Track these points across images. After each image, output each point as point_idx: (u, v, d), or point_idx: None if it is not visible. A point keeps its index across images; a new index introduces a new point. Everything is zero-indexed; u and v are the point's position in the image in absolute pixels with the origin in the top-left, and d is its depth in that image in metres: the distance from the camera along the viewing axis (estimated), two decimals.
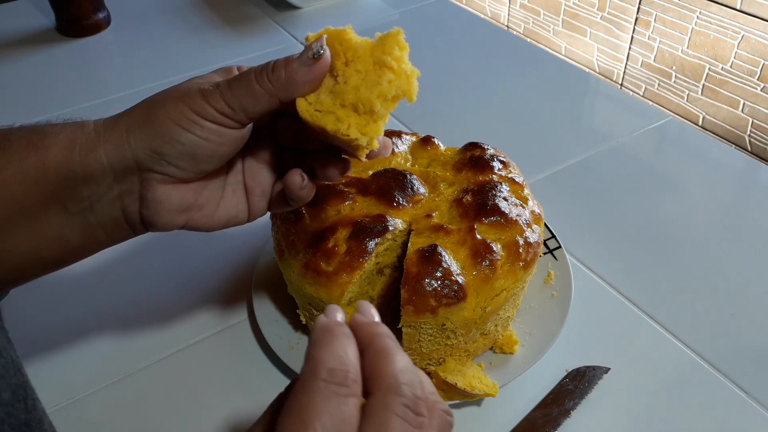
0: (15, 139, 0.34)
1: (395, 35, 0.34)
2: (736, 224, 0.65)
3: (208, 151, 0.34)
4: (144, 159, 0.34)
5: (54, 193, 0.34)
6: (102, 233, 0.36)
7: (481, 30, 1.01)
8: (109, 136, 0.34)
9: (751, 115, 0.80)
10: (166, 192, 0.35)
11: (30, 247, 0.35)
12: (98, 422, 0.48)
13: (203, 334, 0.54)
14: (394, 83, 0.34)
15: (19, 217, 0.34)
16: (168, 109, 0.33)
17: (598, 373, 0.50)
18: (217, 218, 0.39)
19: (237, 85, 0.34)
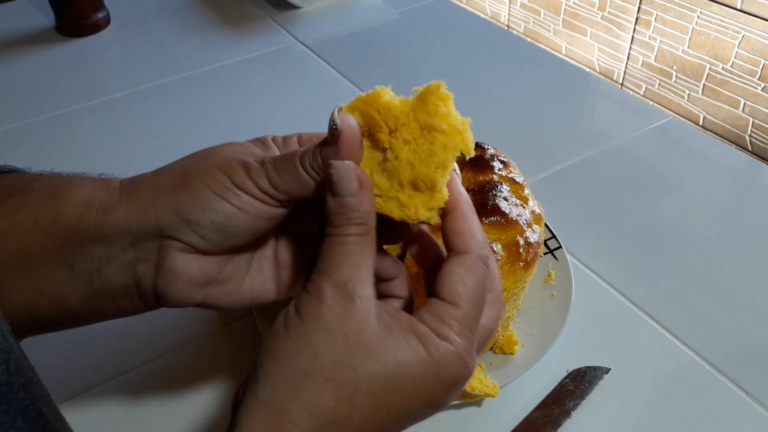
0: (38, 185, 0.33)
1: (436, 90, 0.30)
2: (736, 224, 0.64)
3: (242, 224, 0.32)
4: (168, 224, 0.31)
5: (62, 248, 0.32)
6: (108, 301, 0.34)
7: (482, 30, 1.01)
8: (133, 197, 0.32)
9: (752, 115, 0.80)
10: (186, 262, 0.32)
11: (26, 302, 0.33)
12: (97, 421, 0.48)
13: (202, 335, 0.54)
14: (449, 148, 0.30)
15: (20, 265, 0.32)
16: (205, 176, 0.31)
17: (599, 373, 0.50)
18: (241, 296, 0.35)
19: (283, 168, 0.31)
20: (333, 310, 0.27)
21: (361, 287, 0.28)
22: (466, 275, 0.30)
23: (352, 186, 0.29)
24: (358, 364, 0.27)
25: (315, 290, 0.27)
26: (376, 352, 0.27)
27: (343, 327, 0.27)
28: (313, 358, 0.26)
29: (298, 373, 0.26)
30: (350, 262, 0.28)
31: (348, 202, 0.29)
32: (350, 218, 0.28)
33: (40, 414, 0.31)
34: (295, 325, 0.27)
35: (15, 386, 0.29)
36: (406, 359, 0.28)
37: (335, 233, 0.28)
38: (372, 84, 0.33)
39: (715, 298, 0.56)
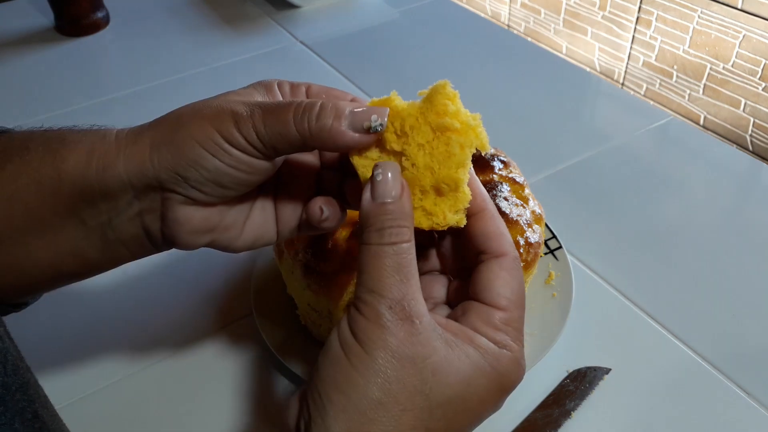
0: (33, 146, 0.33)
1: (443, 89, 0.30)
2: (737, 224, 0.64)
3: (235, 179, 0.32)
4: (166, 179, 0.31)
5: (70, 206, 0.32)
6: (123, 249, 0.34)
7: (482, 29, 1.01)
8: (130, 151, 0.32)
9: (753, 115, 0.79)
10: (188, 213, 0.33)
11: (47, 260, 0.34)
12: (98, 423, 0.48)
13: (202, 335, 0.54)
14: (466, 145, 0.30)
15: (34, 229, 0.33)
16: (195, 130, 0.30)
17: (599, 373, 0.49)
18: (243, 239, 0.36)
19: (272, 119, 0.30)
20: (397, 336, 0.26)
21: (416, 305, 0.27)
22: (511, 278, 0.30)
23: (397, 188, 0.28)
24: (429, 390, 0.26)
25: (372, 314, 0.26)
26: (445, 375, 0.27)
27: (409, 352, 0.26)
28: (384, 388, 0.26)
29: (372, 404, 0.26)
30: (401, 278, 0.27)
31: (391, 206, 0.28)
32: (392, 224, 0.28)
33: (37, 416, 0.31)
34: (359, 354, 0.26)
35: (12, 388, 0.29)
36: (473, 377, 0.27)
37: (378, 242, 0.27)
38: (372, 83, 0.33)
39: (716, 298, 0.56)
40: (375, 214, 0.28)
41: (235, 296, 0.57)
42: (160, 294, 0.58)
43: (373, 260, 0.27)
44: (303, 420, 0.27)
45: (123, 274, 0.60)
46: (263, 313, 0.53)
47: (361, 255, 0.28)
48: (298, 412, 0.28)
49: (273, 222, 0.36)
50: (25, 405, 0.30)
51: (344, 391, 0.26)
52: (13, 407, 0.29)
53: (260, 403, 0.49)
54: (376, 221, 0.28)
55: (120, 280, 0.59)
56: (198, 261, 0.61)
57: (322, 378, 0.27)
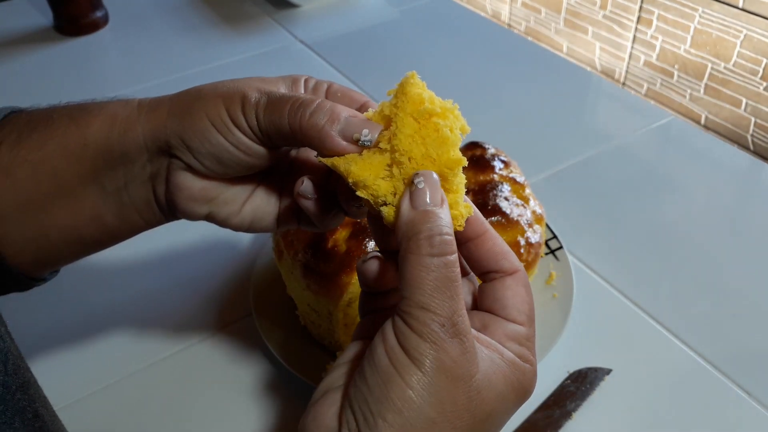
0: (57, 116, 0.35)
1: (412, 79, 0.30)
2: (738, 224, 0.64)
3: (235, 158, 0.33)
4: (174, 145, 0.33)
5: (92, 171, 0.34)
6: (136, 215, 0.36)
7: (482, 28, 1.00)
8: (150, 116, 0.33)
9: (754, 115, 0.79)
10: (188, 180, 0.34)
11: (69, 225, 0.35)
12: (98, 423, 0.48)
13: (203, 335, 0.54)
14: (453, 127, 0.29)
15: (59, 193, 0.34)
16: (208, 105, 0.32)
17: (600, 374, 0.49)
18: (240, 218, 0.37)
19: (271, 108, 0.31)
20: (450, 355, 0.26)
21: (464, 321, 0.27)
22: (527, 294, 0.31)
23: (438, 196, 0.28)
24: (474, 407, 0.27)
25: (425, 332, 0.26)
26: (486, 391, 0.27)
27: (462, 372, 0.26)
28: (439, 408, 0.26)
29: (426, 424, 0.26)
30: (450, 294, 0.26)
31: (437, 214, 0.27)
32: (440, 231, 0.27)
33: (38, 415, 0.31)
34: (414, 373, 0.26)
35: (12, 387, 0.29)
36: (505, 393, 0.28)
37: (428, 252, 0.26)
38: (371, 82, 0.33)
39: (717, 298, 0.56)
40: (420, 221, 0.27)
41: (235, 296, 0.57)
42: (160, 294, 0.58)
43: (422, 273, 0.26)
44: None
45: (123, 275, 0.60)
46: (263, 313, 0.53)
47: (407, 266, 0.27)
48: (338, 426, 0.27)
49: (274, 211, 0.37)
50: (26, 404, 0.30)
51: (399, 410, 0.26)
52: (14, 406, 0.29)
53: (260, 403, 0.49)
54: (423, 229, 0.27)
55: (120, 280, 0.59)
56: (198, 261, 0.61)
57: (374, 395, 0.26)
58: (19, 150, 0.34)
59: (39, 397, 0.33)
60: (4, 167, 0.34)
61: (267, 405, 0.49)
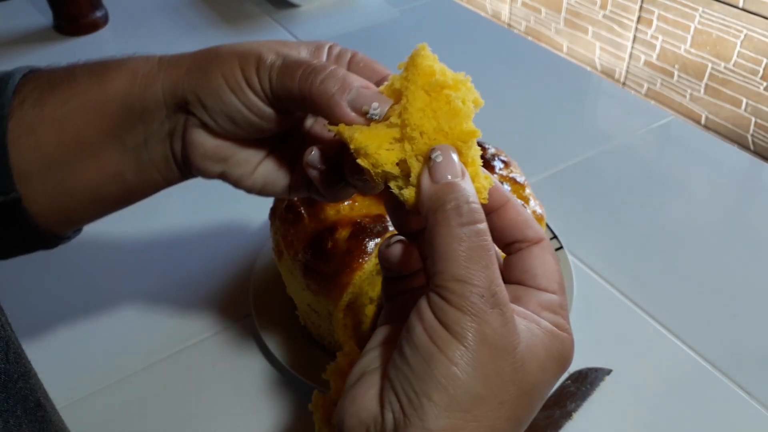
0: (79, 73, 0.35)
1: (423, 51, 0.29)
2: (738, 224, 0.64)
3: (247, 119, 0.33)
4: (190, 102, 0.33)
5: (114, 127, 0.34)
6: (155, 172, 0.36)
7: (482, 28, 1.00)
8: (169, 72, 0.34)
9: (754, 114, 0.79)
10: (201, 138, 0.34)
11: (92, 182, 0.35)
12: (98, 423, 0.48)
13: (203, 334, 0.54)
14: (466, 99, 0.28)
15: (82, 151, 0.34)
16: (224, 64, 0.32)
17: (600, 374, 0.49)
18: (253, 180, 0.37)
19: (284, 70, 0.31)
20: (492, 326, 0.25)
21: (502, 290, 0.26)
22: (555, 263, 0.30)
23: (456, 168, 0.27)
24: (520, 379, 0.26)
25: (464, 304, 0.25)
26: (529, 363, 0.26)
27: (505, 343, 0.25)
28: (485, 382, 0.25)
29: (474, 400, 0.25)
30: (485, 263, 0.25)
31: (460, 184, 0.26)
32: (467, 200, 0.26)
33: (40, 405, 0.31)
34: (456, 348, 0.25)
35: (14, 375, 0.29)
36: (547, 363, 0.27)
37: (458, 222, 0.25)
38: None
39: (718, 298, 0.56)
40: (445, 193, 0.26)
41: (235, 296, 0.57)
42: (161, 294, 0.58)
43: (454, 244, 0.25)
44: (392, 416, 0.26)
45: (123, 274, 0.60)
46: (263, 313, 0.53)
47: (438, 239, 0.26)
48: (380, 408, 0.26)
49: (287, 177, 0.37)
50: (28, 393, 0.30)
51: (444, 387, 0.25)
52: (16, 394, 0.29)
53: (260, 403, 0.49)
54: (449, 199, 0.26)
55: (120, 280, 0.59)
56: (198, 261, 0.61)
57: (416, 375, 0.25)
58: (42, 108, 0.34)
59: (40, 388, 0.33)
60: (28, 125, 0.34)
61: (267, 405, 0.49)
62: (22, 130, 0.34)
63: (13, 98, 0.34)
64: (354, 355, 0.43)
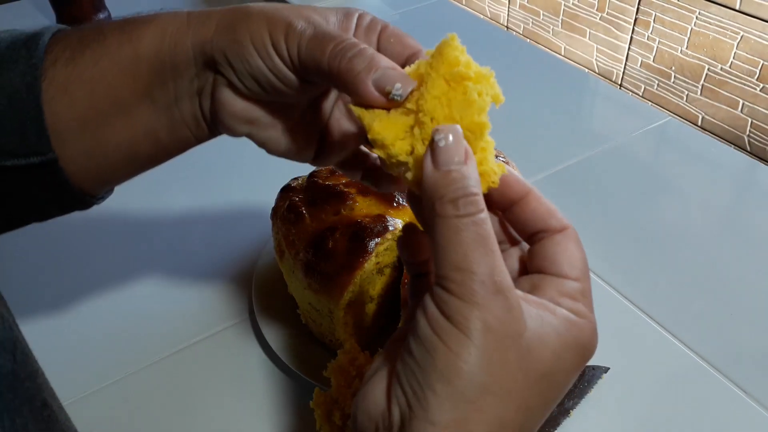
0: (109, 31, 0.34)
1: (452, 41, 0.29)
2: (735, 224, 0.65)
3: (270, 82, 0.33)
4: (219, 62, 0.33)
5: (145, 85, 0.34)
6: (186, 130, 0.36)
7: (481, 30, 1.01)
8: (199, 29, 0.33)
9: (750, 116, 0.80)
10: (230, 98, 0.34)
11: (125, 141, 0.35)
12: (98, 422, 0.48)
13: (203, 334, 0.55)
14: (483, 92, 0.28)
15: (115, 109, 0.34)
16: (253, 27, 0.32)
17: (598, 372, 0.50)
18: (276, 146, 0.37)
19: (315, 42, 0.31)
20: (493, 313, 0.25)
21: (505, 278, 0.25)
22: (578, 250, 0.29)
23: (461, 152, 0.26)
24: (527, 367, 0.25)
25: (464, 292, 0.25)
26: (538, 350, 0.26)
27: (508, 330, 0.25)
28: (489, 371, 0.24)
29: (478, 390, 0.24)
30: (485, 251, 0.25)
31: (458, 173, 0.26)
32: (465, 192, 0.25)
33: (46, 404, 0.31)
34: (457, 337, 0.24)
35: (21, 375, 0.29)
36: (561, 351, 0.27)
37: (455, 214, 0.25)
38: None
39: (714, 297, 0.56)
40: (444, 184, 0.26)
41: (236, 296, 0.57)
42: (161, 293, 0.58)
43: (453, 235, 0.25)
44: (399, 410, 0.26)
45: (123, 274, 0.60)
46: (264, 312, 0.53)
47: (437, 230, 0.25)
48: (388, 403, 0.26)
49: (313, 146, 0.38)
50: (34, 393, 0.30)
51: (447, 379, 0.24)
52: (23, 395, 0.29)
53: (261, 402, 0.50)
54: (447, 191, 0.26)
55: (121, 280, 0.60)
56: (200, 260, 0.61)
57: (420, 368, 0.25)
58: (74, 67, 0.34)
59: (47, 387, 0.33)
60: (61, 85, 0.34)
61: (268, 402, 0.49)
62: (56, 90, 0.34)
63: (45, 58, 0.34)
64: (354, 352, 0.44)
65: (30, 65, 0.33)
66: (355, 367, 0.43)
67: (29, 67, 0.33)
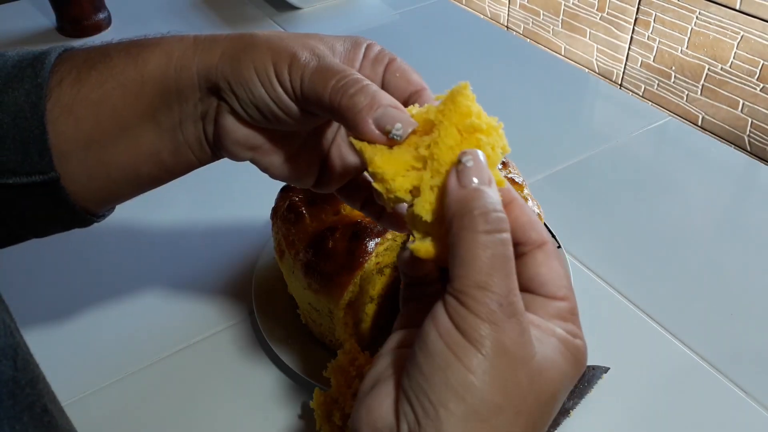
0: (115, 53, 0.35)
1: (464, 90, 0.29)
2: (735, 224, 0.65)
3: (272, 112, 0.33)
4: (222, 88, 0.33)
5: (150, 107, 0.35)
6: (190, 153, 0.36)
7: (481, 30, 1.01)
8: (204, 55, 0.34)
9: (751, 116, 0.80)
10: (233, 125, 0.35)
11: (128, 163, 0.36)
12: (98, 422, 0.48)
13: (203, 334, 0.55)
14: (495, 145, 0.28)
15: (119, 131, 0.35)
16: (258, 56, 0.32)
17: (598, 372, 0.50)
18: (280, 171, 0.37)
19: (318, 76, 0.31)
20: (509, 335, 0.25)
21: (520, 302, 0.25)
22: (560, 266, 0.29)
23: (486, 175, 0.27)
24: (538, 389, 0.26)
25: (483, 311, 0.24)
26: (548, 372, 0.26)
27: (522, 353, 0.25)
28: (503, 391, 0.25)
29: (491, 409, 0.24)
30: (506, 272, 0.25)
31: (489, 190, 0.26)
32: (495, 208, 0.26)
33: (46, 410, 0.31)
34: (474, 356, 0.24)
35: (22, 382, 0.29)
36: (566, 372, 0.27)
37: (484, 229, 0.25)
38: None
39: (714, 297, 0.56)
40: (472, 198, 0.26)
41: (236, 296, 0.58)
42: (161, 293, 0.58)
43: (479, 250, 0.25)
44: (408, 427, 0.25)
45: (123, 274, 0.60)
46: (264, 312, 0.53)
47: (462, 243, 0.25)
48: (396, 419, 0.26)
49: (314, 172, 0.38)
50: (35, 399, 0.30)
51: (461, 396, 0.24)
52: (23, 401, 0.29)
53: (261, 402, 0.50)
54: (477, 205, 0.25)
55: (122, 279, 0.60)
56: (200, 260, 0.61)
57: (431, 384, 0.25)
58: (80, 88, 0.34)
59: (47, 393, 0.33)
60: (67, 106, 0.34)
61: (268, 402, 0.49)
62: (61, 110, 0.34)
63: (51, 78, 0.34)
64: (354, 353, 0.44)
65: (35, 85, 0.34)
66: (355, 367, 0.43)
67: (34, 87, 0.34)
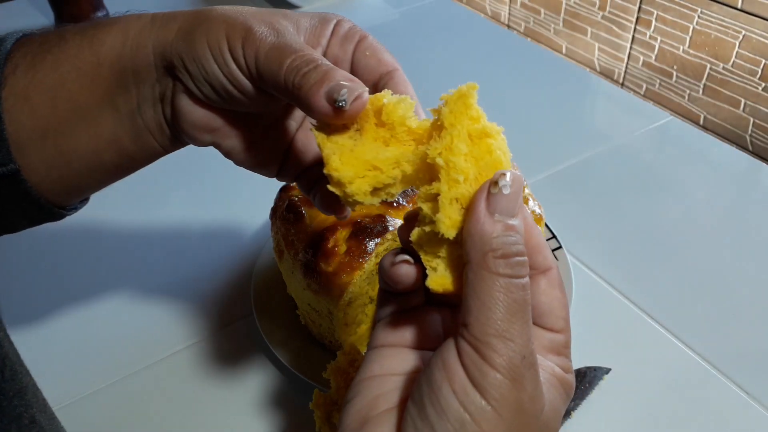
0: (70, 35, 0.33)
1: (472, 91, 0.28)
2: (737, 224, 0.64)
3: (226, 90, 0.32)
4: (176, 66, 0.32)
5: (107, 91, 0.33)
6: (151, 138, 0.35)
7: (482, 29, 1.01)
8: (160, 32, 0.32)
9: (752, 115, 0.79)
10: (189, 106, 0.33)
11: (88, 150, 0.34)
12: (98, 422, 0.48)
13: (204, 333, 0.54)
14: (504, 151, 0.27)
15: (76, 117, 0.33)
16: (211, 30, 0.31)
17: (599, 373, 0.50)
18: (242, 156, 0.35)
19: (274, 54, 0.30)
20: (529, 394, 0.24)
21: (534, 349, 0.24)
22: (562, 296, 0.28)
23: (518, 206, 0.24)
24: None
25: (510, 368, 0.23)
26: (552, 419, 0.26)
27: (534, 410, 0.24)
28: None
29: None
30: (527, 318, 0.24)
31: (517, 229, 0.24)
32: (520, 251, 0.24)
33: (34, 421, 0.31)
34: (494, 422, 0.23)
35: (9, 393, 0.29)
36: (558, 411, 0.26)
37: (508, 274, 0.24)
38: None
39: (716, 298, 0.56)
40: (498, 234, 0.24)
41: (236, 296, 0.57)
42: (161, 294, 0.58)
43: (500, 294, 0.23)
44: None
45: (123, 274, 0.60)
46: (263, 312, 0.53)
47: (481, 284, 0.24)
48: None
49: (277, 161, 0.37)
50: (22, 410, 0.30)
51: None
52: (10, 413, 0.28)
53: (261, 403, 0.49)
54: (500, 244, 0.24)
55: (121, 280, 0.60)
56: (198, 261, 0.61)
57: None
58: (34, 74, 0.33)
59: (37, 402, 0.32)
60: (21, 92, 0.32)
61: (267, 403, 0.49)
62: (16, 98, 0.32)
63: (6, 65, 0.33)
64: (354, 354, 0.44)
65: None
66: (354, 368, 0.43)
67: None
